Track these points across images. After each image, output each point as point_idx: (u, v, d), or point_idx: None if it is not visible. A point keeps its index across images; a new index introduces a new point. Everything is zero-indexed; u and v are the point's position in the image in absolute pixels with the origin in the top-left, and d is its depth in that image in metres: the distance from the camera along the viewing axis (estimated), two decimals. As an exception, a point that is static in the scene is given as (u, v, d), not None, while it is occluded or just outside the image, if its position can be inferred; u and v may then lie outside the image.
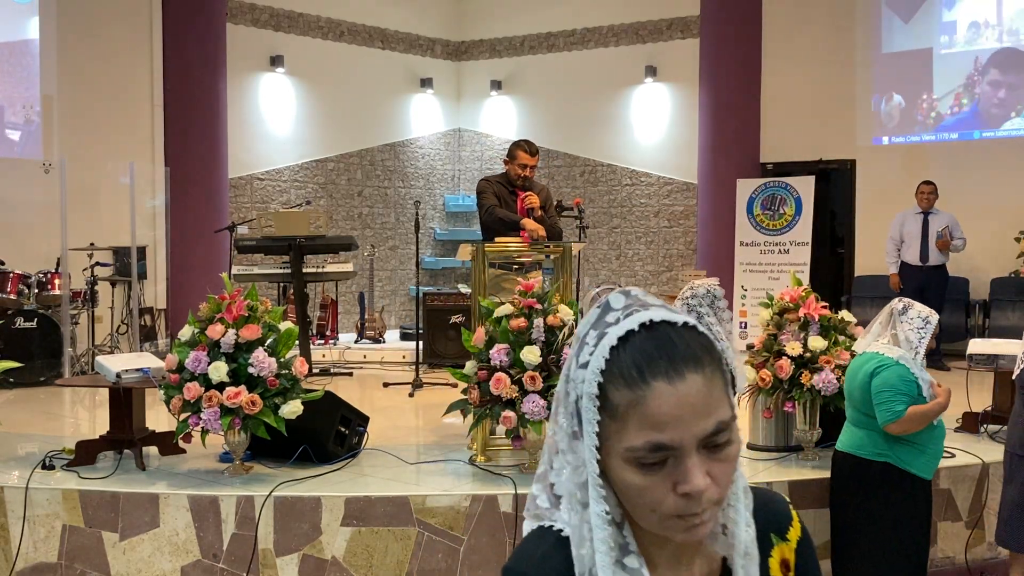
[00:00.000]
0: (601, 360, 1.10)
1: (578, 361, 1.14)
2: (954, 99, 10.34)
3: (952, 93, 10.35)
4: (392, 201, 12.59)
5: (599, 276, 12.21)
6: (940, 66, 10.45)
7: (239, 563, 4.31)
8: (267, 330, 4.63)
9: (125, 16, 10.21)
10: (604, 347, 1.11)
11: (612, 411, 1.10)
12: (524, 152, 6.36)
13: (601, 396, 1.10)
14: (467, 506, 4.35)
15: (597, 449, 1.11)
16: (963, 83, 10.31)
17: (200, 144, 10.40)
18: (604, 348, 1.10)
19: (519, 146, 6.42)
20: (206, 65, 10.45)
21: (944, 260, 9.06)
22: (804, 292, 5.18)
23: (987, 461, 4.98)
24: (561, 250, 5.43)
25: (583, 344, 1.14)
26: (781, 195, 10.75)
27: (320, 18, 11.81)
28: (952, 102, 10.36)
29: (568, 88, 12.47)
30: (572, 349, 1.17)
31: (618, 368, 1.09)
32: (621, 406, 1.09)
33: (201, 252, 10.11)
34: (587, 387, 1.11)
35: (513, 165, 6.40)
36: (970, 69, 10.30)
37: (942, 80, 10.43)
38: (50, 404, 7.31)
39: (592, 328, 1.14)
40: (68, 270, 8.43)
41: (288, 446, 4.80)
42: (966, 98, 10.29)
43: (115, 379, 4.88)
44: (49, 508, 4.47)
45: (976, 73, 10.25)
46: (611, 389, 1.10)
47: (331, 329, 10.50)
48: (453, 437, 5.68)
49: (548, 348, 4.59)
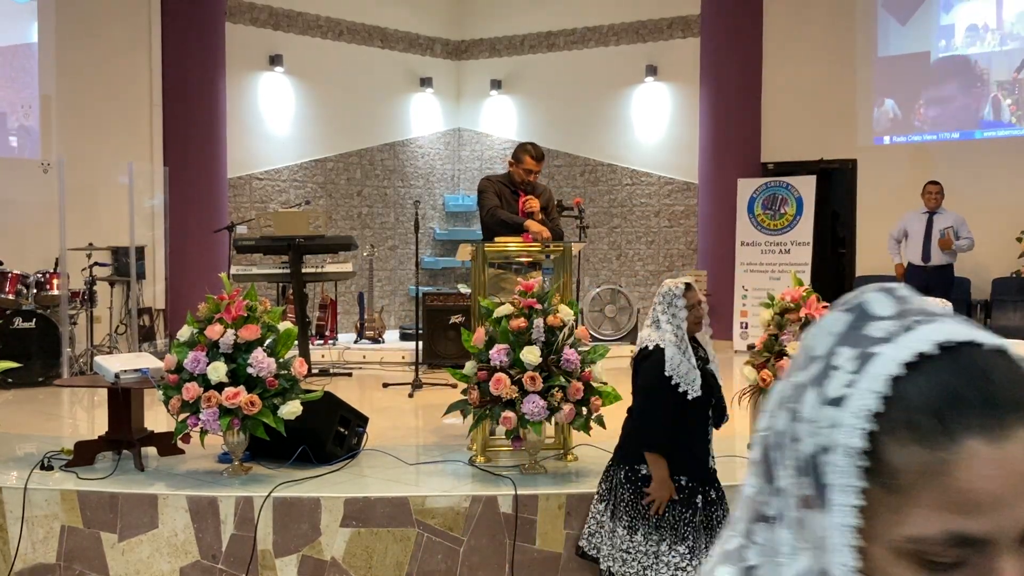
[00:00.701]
0: (872, 398, 0.72)
1: (822, 394, 0.74)
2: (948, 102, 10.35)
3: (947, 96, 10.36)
4: (392, 201, 12.57)
5: (599, 276, 12.19)
6: (937, 69, 10.44)
7: (238, 564, 4.29)
8: (266, 330, 4.62)
9: (124, 16, 10.20)
10: (876, 377, 0.72)
11: (887, 478, 0.72)
12: (531, 157, 6.30)
13: (870, 453, 0.72)
14: (467, 507, 4.34)
15: (857, 532, 0.73)
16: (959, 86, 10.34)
17: (199, 144, 10.39)
18: (877, 379, 0.72)
19: (526, 150, 6.36)
20: (205, 65, 10.44)
21: (949, 260, 9.02)
22: (805, 292, 5.16)
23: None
24: (561, 250, 5.41)
25: (829, 368, 0.75)
26: (782, 195, 10.74)
27: (320, 17, 11.79)
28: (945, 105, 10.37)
29: (568, 88, 12.46)
30: (798, 371, 0.78)
31: (903, 413, 0.71)
32: (905, 472, 0.71)
33: (200, 252, 10.10)
34: (844, 437, 0.72)
35: (518, 168, 6.35)
36: (967, 73, 10.30)
37: (938, 83, 10.43)
38: (48, 404, 7.29)
39: (843, 344, 0.75)
40: (67, 270, 8.41)
41: (287, 447, 4.78)
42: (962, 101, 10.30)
43: (114, 379, 4.87)
44: (48, 509, 4.45)
45: (975, 76, 10.26)
46: (888, 444, 0.72)
47: (330, 329, 10.48)
48: (453, 438, 5.67)
49: (548, 348, 4.58)
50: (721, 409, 3.84)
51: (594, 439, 5.03)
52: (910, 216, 9.21)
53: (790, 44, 11.14)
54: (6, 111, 9.48)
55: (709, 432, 3.79)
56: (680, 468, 3.68)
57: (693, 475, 3.70)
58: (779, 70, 11.19)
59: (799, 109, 11.07)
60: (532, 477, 4.62)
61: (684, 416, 3.66)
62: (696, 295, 3.74)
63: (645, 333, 3.81)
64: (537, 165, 6.33)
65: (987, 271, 10.00)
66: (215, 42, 10.56)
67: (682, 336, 3.65)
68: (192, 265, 9.96)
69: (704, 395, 3.67)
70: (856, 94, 10.88)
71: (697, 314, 3.71)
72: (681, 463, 3.68)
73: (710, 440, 3.81)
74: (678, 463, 3.67)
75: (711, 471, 3.78)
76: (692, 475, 3.70)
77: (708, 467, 3.76)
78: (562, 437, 5.07)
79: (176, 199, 10.00)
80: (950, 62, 10.39)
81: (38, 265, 8.64)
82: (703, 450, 3.76)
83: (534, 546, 4.35)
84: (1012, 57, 10.09)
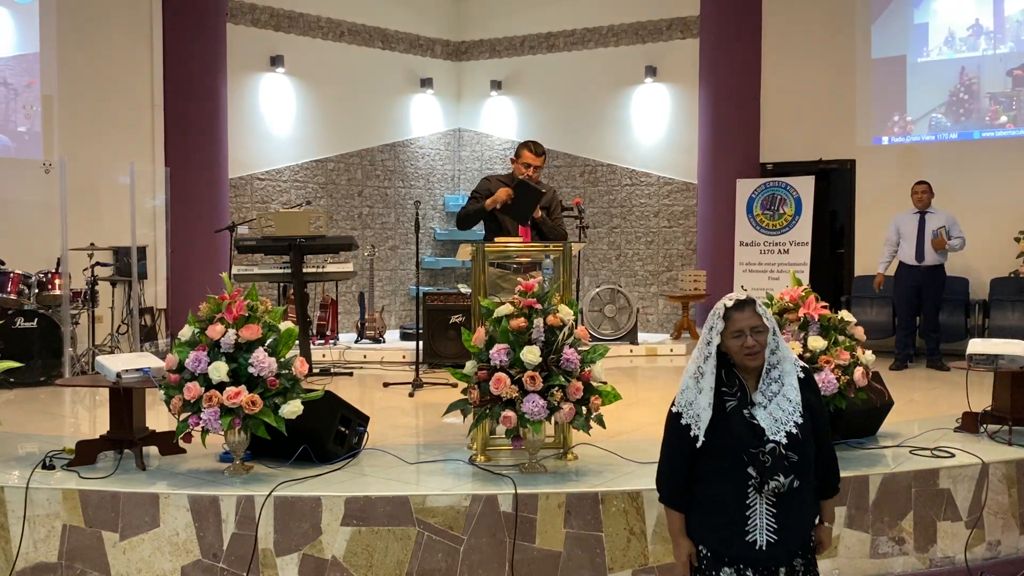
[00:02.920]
0: None
1: None
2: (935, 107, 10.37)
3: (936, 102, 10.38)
4: (392, 201, 12.59)
5: (599, 276, 12.21)
6: (918, 74, 10.46)
7: (239, 563, 4.31)
8: (267, 330, 4.63)
9: (125, 16, 10.22)
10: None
11: None
12: (529, 152, 6.44)
13: None
14: (467, 506, 4.36)
15: None
16: (947, 90, 10.36)
17: (200, 144, 10.41)
18: None
19: (526, 146, 6.51)
20: (206, 65, 10.46)
21: (941, 260, 9.03)
22: (804, 292, 5.18)
23: (987, 461, 4.98)
24: (561, 250, 5.43)
25: None
26: (781, 195, 10.76)
27: (320, 18, 11.81)
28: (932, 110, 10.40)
29: (568, 88, 12.48)
30: None
31: None
32: None
33: (201, 252, 10.12)
34: None
35: (518, 164, 6.48)
36: (953, 77, 10.33)
37: (920, 88, 10.44)
38: (50, 404, 7.31)
39: None
40: (68, 270, 8.43)
41: (288, 446, 4.80)
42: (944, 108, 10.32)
43: (115, 379, 4.88)
44: (49, 508, 4.47)
45: (963, 78, 10.28)
46: None
47: (331, 329, 10.51)
48: (453, 437, 5.69)
49: (548, 348, 4.59)
50: (773, 468, 2.90)
51: (594, 438, 5.05)
52: (902, 217, 9.22)
53: (789, 45, 11.16)
54: (8, 111, 9.49)
55: (752, 495, 2.92)
56: (698, 533, 3.00)
57: (717, 547, 2.95)
58: (778, 71, 11.21)
59: (798, 109, 11.09)
60: (532, 476, 4.64)
61: (706, 466, 2.96)
62: (747, 319, 2.95)
63: None
64: (536, 159, 6.42)
65: (985, 271, 10.02)
66: (216, 43, 10.58)
67: (704, 364, 2.96)
68: (193, 265, 9.98)
69: (728, 444, 2.91)
70: (855, 94, 10.89)
71: (745, 344, 2.94)
72: (697, 527, 3.00)
73: (754, 505, 2.92)
74: (695, 525, 3.01)
75: (758, 549, 2.90)
76: (715, 547, 2.96)
77: (746, 541, 2.90)
78: (562, 436, 5.09)
79: (177, 199, 10.02)
80: (950, 63, 10.40)
81: (40, 265, 8.66)
82: (736, 517, 2.91)
83: (534, 545, 4.37)
84: (1008, 60, 10.11)
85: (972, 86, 10.29)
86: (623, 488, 4.47)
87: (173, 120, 10.37)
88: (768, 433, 2.91)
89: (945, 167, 10.19)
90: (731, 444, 2.91)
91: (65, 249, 8.38)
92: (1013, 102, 10.11)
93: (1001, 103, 10.17)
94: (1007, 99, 10.15)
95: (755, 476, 2.89)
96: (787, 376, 2.99)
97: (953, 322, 9.70)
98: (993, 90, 10.20)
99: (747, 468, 2.90)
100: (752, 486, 2.90)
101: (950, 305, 9.61)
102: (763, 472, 2.89)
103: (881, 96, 10.76)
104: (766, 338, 2.95)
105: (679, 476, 3.01)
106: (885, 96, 10.74)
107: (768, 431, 2.91)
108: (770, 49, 11.25)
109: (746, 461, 2.90)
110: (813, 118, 11.03)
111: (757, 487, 2.90)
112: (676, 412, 3.00)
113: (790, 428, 2.92)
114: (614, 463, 4.92)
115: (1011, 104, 10.13)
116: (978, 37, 10.26)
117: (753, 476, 2.90)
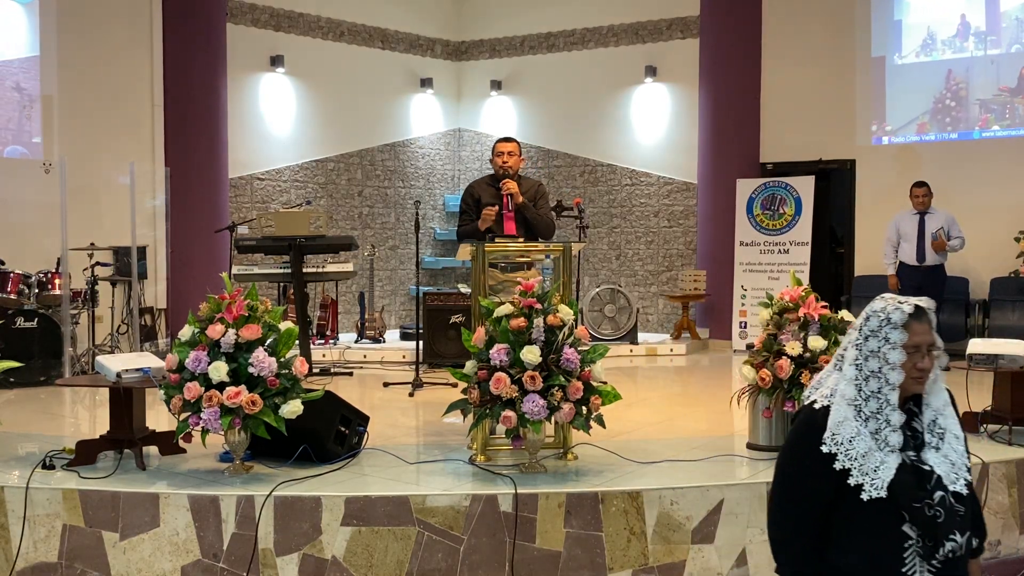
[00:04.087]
0: None
1: None
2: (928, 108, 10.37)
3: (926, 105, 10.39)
4: (392, 201, 12.59)
5: (599, 276, 12.21)
6: (906, 74, 10.46)
7: (239, 563, 4.31)
8: (267, 330, 4.63)
9: (125, 16, 10.22)
10: None
11: None
12: (499, 141, 6.56)
13: None
14: (467, 506, 4.36)
15: None
16: (937, 92, 10.36)
17: (200, 144, 10.40)
18: None
19: (498, 140, 6.59)
20: (206, 65, 10.46)
21: (942, 260, 9.04)
22: (804, 292, 5.18)
23: (987, 461, 4.98)
24: (561, 250, 5.43)
25: None
26: (781, 195, 10.76)
27: (320, 18, 11.81)
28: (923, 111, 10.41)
29: (568, 88, 12.48)
30: None
31: None
32: None
33: (201, 252, 10.12)
34: None
35: (494, 159, 6.54)
36: (944, 78, 10.32)
37: (937, 83, 10.45)
38: (50, 404, 7.31)
39: None
40: (68, 270, 8.43)
41: (288, 446, 4.80)
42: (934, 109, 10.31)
43: (115, 379, 4.88)
44: (49, 508, 4.47)
45: (949, 83, 10.29)
46: None
47: (331, 329, 10.51)
48: (453, 437, 5.69)
49: (548, 348, 4.60)
50: (947, 525, 2.27)
51: (594, 438, 5.05)
52: (901, 217, 9.22)
53: (789, 44, 11.16)
54: (20, 119, 9.49)
55: (911, 562, 2.27)
56: None
57: None
58: (778, 70, 11.21)
59: (798, 109, 11.09)
60: (532, 476, 4.64)
61: (846, 526, 2.29)
62: (926, 334, 2.38)
63: (817, 378, 2.51)
64: (507, 145, 6.51)
65: (985, 271, 10.02)
66: (216, 43, 10.58)
67: (878, 393, 2.31)
68: (193, 265, 9.98)
69: (890, 497, 2.26)
70: (855, 94, 10.89)
71: (921, 366, 2.35)
72: None
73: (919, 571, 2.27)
74: None
75: None
76: None
77: None
78: (562, 436, 5.09)
79: (177, 199, 10.02)
80: (949, 63, 10.40)
81: (40, 265, 8.66)
82: None
83: (534, 545, 4.37)
84: (1010, 60, 10.11)
85: (971, 87, 10.29)
86: (623, 488, 4.47)
87: (173, 120, 10.37)
88: (946, 481, 2.29)
89: (945, 167, 10.19)
90: (892, 497, 2.26)
91: (65, 249, 8.38)
92: (1006, 110, 10.10)
93: (993, 111, 10.16)
94: (999, 106, 10.13)
95: (915, 538, 2.26)
96: (946, 407, 2.42)
97: (953, 322, 9.70)
98: (984, 96, 10.20)
99: (902, 527, 2.26)
100: (912, 550, 2.26)
101: (950, 305, 9.61)
102: (932, 531, 2.25)
103: (881, 96, 10.76)
104: (936, 361, 2.34)
105: (811, 539, 2.32)
106: (885, 95, 10.75)
107: (946, 478, 2.29)
108: (770, 49, 11.25)
109: (906, 518, 2.26)
110: (813, 118, 11.03)
111: (922, 552, 2.25)
112: (829, 453, 2.30)
113: (966, 475, 2.32)
114: (614, 463, 4.92)
115: (1003, 113, 10.10)
116: (979, 37, 10.26)
117: (912, 538, 2.26)
